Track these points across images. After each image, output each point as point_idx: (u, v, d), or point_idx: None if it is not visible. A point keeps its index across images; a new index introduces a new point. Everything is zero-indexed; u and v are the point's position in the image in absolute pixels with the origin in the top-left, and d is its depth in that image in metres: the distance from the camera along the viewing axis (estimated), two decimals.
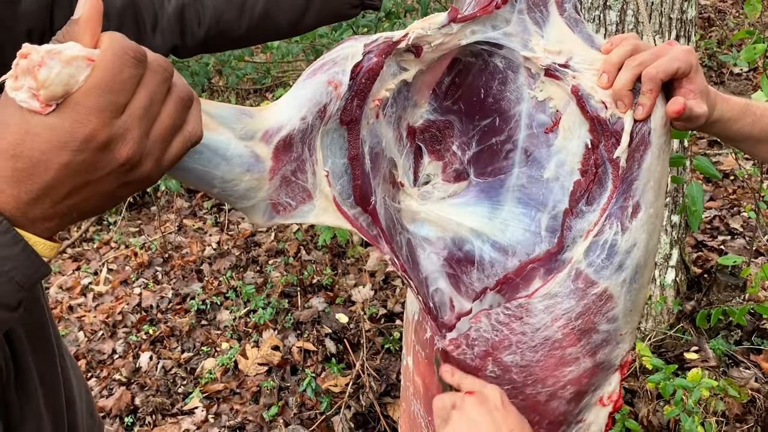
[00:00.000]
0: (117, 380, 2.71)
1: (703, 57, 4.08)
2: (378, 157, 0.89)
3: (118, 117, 0.46)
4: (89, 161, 0.46)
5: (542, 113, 0.89)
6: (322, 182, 0.77)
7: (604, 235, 0.82)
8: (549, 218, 0.89)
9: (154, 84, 0.48)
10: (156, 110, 0.48)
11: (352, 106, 0.79)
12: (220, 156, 0.65)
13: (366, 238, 0.82)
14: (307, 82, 0.76)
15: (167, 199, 3.97)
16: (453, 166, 0.98)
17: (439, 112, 0.96)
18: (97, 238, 3.80)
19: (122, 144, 0.46)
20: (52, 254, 0.50)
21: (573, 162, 0.87)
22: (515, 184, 0.92)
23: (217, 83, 3.89)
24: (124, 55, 0.45)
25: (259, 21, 0.91)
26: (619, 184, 0.82)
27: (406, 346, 1.02)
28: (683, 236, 2.36)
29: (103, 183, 0.48)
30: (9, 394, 0.72)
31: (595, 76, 0.82)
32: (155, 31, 0.88)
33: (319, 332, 2.70)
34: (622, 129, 0.80)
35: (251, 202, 0.72)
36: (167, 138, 0.50)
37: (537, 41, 0.85)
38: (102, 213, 0.52)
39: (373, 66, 0.78)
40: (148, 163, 0.49)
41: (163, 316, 3.05)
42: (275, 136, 0.71)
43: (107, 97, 0.45)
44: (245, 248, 3.40)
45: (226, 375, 2.62)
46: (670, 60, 0.77)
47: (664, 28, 1.87)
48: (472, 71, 0.92)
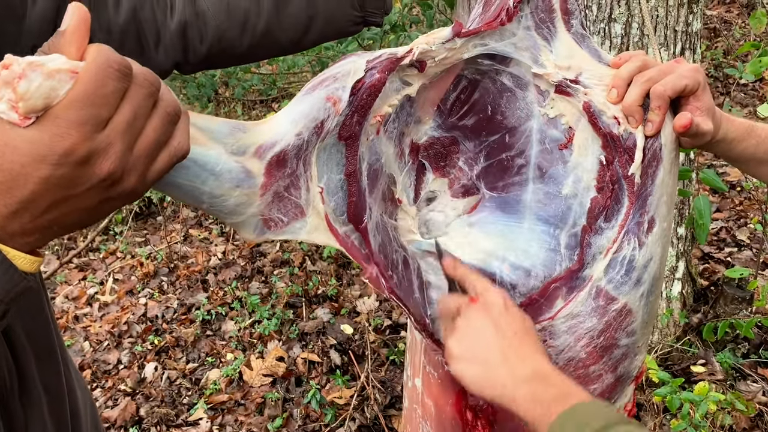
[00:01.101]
0: (122, 391, 2.71)
1: (709, 68, 4.07)
2: (376, 174, 0.88)
3: (100, 131, 0.45)
4: (69, 176, 0.45)
5: (554, 129, 0.89)
6: (316, 199, 0.76)
7: (623, 251, 0.82)
8: (568, 236, 0.89)
9: (140, 98, 0.47)
10: (140, 125, 0.47)
11: (352, 122, 0.78)
12: (208, 171, 0.63)
13: (354, 257, 0.80)
14: (305, 97, 0.75)
15: (173, 209, 3.98)
16: (460, 181, 0.97)
17: (443, 129, 0.95)
18: (104, 248, 3.81)
19: (104, 159, 0.45)
20: (33, 268, 0.49)
21: (589, 178, 0.87)
22: (533, 200, 0.92)
23: (224, 94, 3.91)
24: (109, 68, 0.44)
25: (261, 39, 0.91)
26: (635, 200, 0.82)
27: (413, 367, 1.00)
28: (689, 248, 2.35)
29: (84, 198, 0.47)
30: (12, 402, 0.72)
31: (605, 92, 0.83)
32: (158, 48, 0.88)
33: (324, 343, 2.70)
34: (635, 145, 0.81)
35: (241, 217, 0.70)
36: (152, 153, 0.49)
37: (547, 56, 0.86)
38: (86, 227, 0.51)
39: (375, 82, 0.78)
40: (132, 178, 0.48)
41: (168, 326, 3.05)
42: (268, 152, 0.69)
43: (89, 111, 0.44)
44: (250, 258, 3.40)
45: (230, 386, 2.61)
46: (678, 77, 0.78)
47: (669, 41, 1.87)
48: (479, 88, 0.92)
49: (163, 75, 0.92)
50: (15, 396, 0.72)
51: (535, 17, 0.84)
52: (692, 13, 1.88)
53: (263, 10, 0.89)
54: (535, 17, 0.84)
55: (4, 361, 0.70)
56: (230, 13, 0.88)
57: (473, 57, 0.89)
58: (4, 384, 0.70)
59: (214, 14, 0.88)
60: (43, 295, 0.80)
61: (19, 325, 0.73)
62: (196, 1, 0.88)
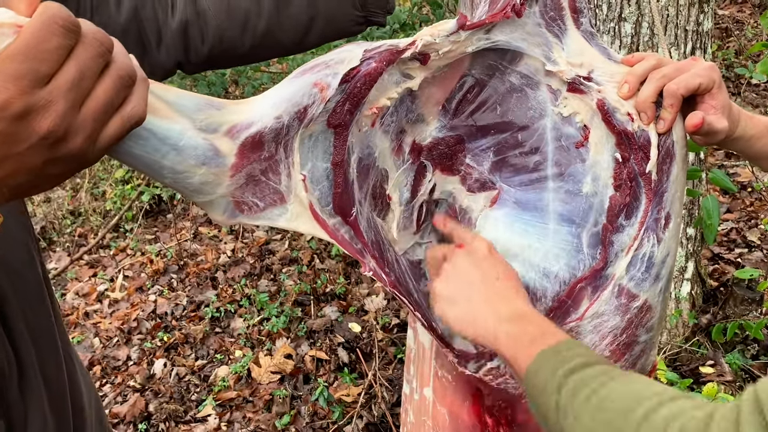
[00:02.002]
0: (131, 387, 2.73)
1: (720, 68, 4.05)
2: (367, 169, 0.86)
3: (40, 87, 0.43)
4: (7, 131, 0.43)
5: (569, 125, 0.89)
6: (298, 186, 0.74)
7: (643, 248, 0.83)
8: (589, 234, 0.89)
9: (87, 57, 0.45)
10: (88, 85, 0.46)
11: (343, 109, 0.76)
12: (169, 145, 0.61)
13: (347, 251, 0.79)
14: (292, 81, 0.72)
15: (183, 206, 4.00)
16: (472, 176, 0.97)
17: (448, 128, 0.94)
18: (114, 245, 3.84)
19: (43, 116, 0.44)
20: None
21: (606, 176, 0.87)
22: (555, 198, 0.92)
23: (233, 93, 3.92)
24: (53, 23, 0.43)
25: (262, 39, 0.91)
26: (652, 197, 0.83)
27: (420, 378, 0.98)
28: (699, 249, 2.34)
29: (27, 156, 0.45)
30: (11, 394, 0.72)
31: (617, 88, 0.83)
32: (160, 47, 0.88)
33: (332, 341, 2.71)
34: (649, 142, 0.81)
35: (208, 197, 0.68)
36: (101, 116, 0.47)
37: (559, 53, 0.85)
38: (41, 191, 0.50)
39: (371, 71, 0.75)
40: (77, 139, 0.47)
41: (177, 323, 3.07)
42: (243, 132, 0.67)
43: (27, 65, 0.42)
44: (259, 256, 3.42)
45: (239, 383, 2.63)
46: (692, 76, 0.78)
47: (679, 40, 1.87)
48: (486, 88, 0.91)
49: (166, 74, 0.92)
50: (14, 385, 0.72)
51: (545, 16, 0.84)
52: (703, 12, 1.87)
53: (264, 11, 0.89)
54: (545, 16, 0.84)
55: (2, 350, 0.71)
56: (231, 13, 0.88)
57: (481, 57, 0.88)
58: (2, 373, 0.71)
59: (215, 14, 0.88)
60: (44, 287, 0.80)
61: (19, 315, 0.74)
62: (197, 1, 0.88)
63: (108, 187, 4.23)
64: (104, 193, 4.25)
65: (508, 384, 0.85)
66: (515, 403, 0.87)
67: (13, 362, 0.72)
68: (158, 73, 0.90)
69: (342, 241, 0.78)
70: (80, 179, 4.30)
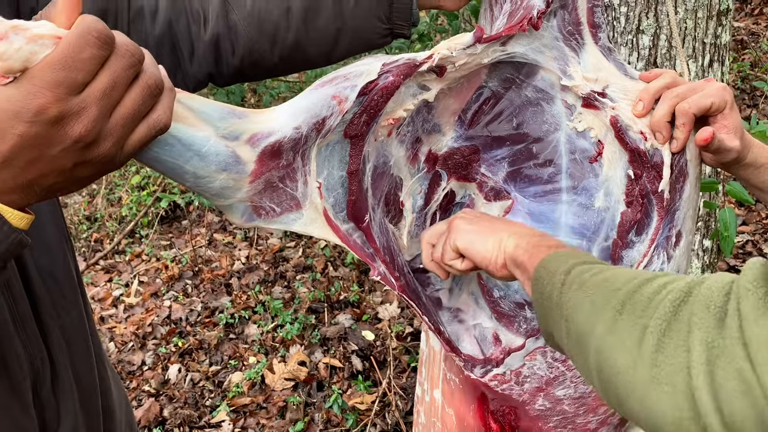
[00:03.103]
0: (146, 391, 2.75)
1: (736, 80, 4.04)
2: (381, 176, 0.88)
3: (75, 95, 0.46)
4: (42, 134, 0.46)
5: (583, 139, 0.90)
6: (314, 193, 0.76)
7: (652, 265, 0.83)
8: (600, 249, 0.90)
9: (119, 67, 0.48)
10: (119, 94, 0.49)
11: (360, 121, 0.78)
12: (193, 151, 0.64)
13: (358, 255, 0.81)
14: (312, 92, 0.75)
15: (198, 213, 4.03)
16: (488, 184, 0.98)
17: (464, 139, 0.96)
18: (129, 250, 3.87)
19: (76, 121, 0.47)
20: (22, 224, 0.51)
21: (618, 192, 0.88)
22: (568, 211, 0.93)
23: (249, 101, 3.96)
24: (89, 35, 0.46)
25: (290, 51, 0.93)
26: (664, 215, 0.83)
27: (431, 380, 1.00)
28: (715, 261, 2.33)
29: (59, 159, 0.48)
30: (45, 394, 0.74)
31: (631, 106, 0.83)
32: (192, 60, 0.91)
33: (346, 349, 2.72)
34: (662, 161, 0.82)
35: (227, 201, 0.71)
36: (129, 123, 0.50)
37: (575, 68, 0.86)
38: (69, 192, 0.54)
39: (389, 85, 0.77)
40: (107, 144, 0.50)
41: (192, 328, 3.09)
42: (263, 141, 0.70)
43: (63, 73, 0.45)
44: (273, 263, 3.43)
45: (253, 389, 2.64)
46: (704, 96, 0.79)
47: (697, 53, 1.87)
48: (502, 100, 0.92)
49: (198, 85, 0.94)
50: (47, 386, 0.75)
51: (563, 30, 0.85)
52: (721, 25, 1.88)
53: (292, 24, 0.90)
54: (563, 30, 0.85)
55: (37, 350, 0.73)
56: (260, 27, 0.90)
57: (498, 70, 0.89)
58: (37, 373, 0.73)
59: (245, 27, 0.90)
60: (78, 290, 0.83)
61: (54, 317, 0.76)
62: (228, 15, 0.90)
63: (124, 193, 4.27)
64: (120, 199, 4.29)
65: (512, 390, 0.86)
66: (519, 409, 0.88)
67: (47, 363, 0.75)
68: (190, 84, 0.92)
69: (354, 246, 0.80)
70: (96, 185, 4.35)
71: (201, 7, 0.90)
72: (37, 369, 0.73)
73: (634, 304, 0.54)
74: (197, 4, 0.90)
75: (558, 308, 0.63)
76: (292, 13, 0.90)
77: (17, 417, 0.70)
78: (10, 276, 0.69)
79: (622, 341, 0.53)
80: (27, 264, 0.72)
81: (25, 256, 0.72)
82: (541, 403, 0.84)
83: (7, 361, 0.68)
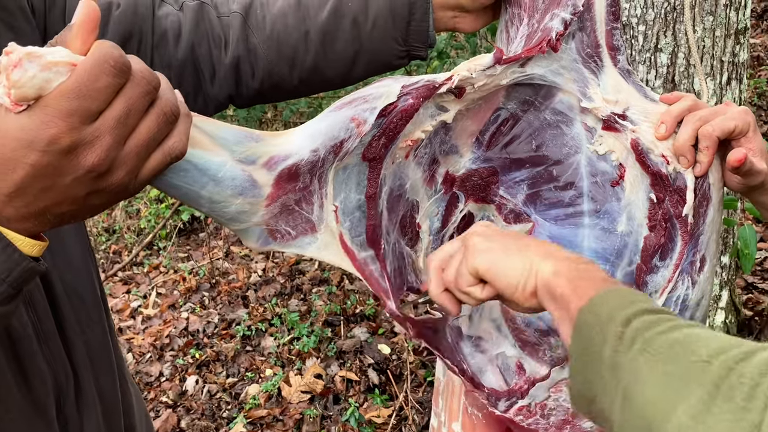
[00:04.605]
0: (164, 402, 2.77)
1: (752, 96, 4.03)
2: (398, 199, 0.86)
3: (89, 123, 0.45)
4: (55, 164, 0.45)
5: (604, 162, 0.89)
6: (329, 216, 0.75)
7: (677, 291, 0.82)
8: (623, 273, 0.89)
9: (135, 95, 0.47)
10: (133, 122, 0.48)
11: (379, 143, 0.76)
12: (209, 177, 0.62)
13: (372, 288, 0.77)
14: (330, 114, 0.73)
15: (215, 226, 4.07)
16: (507, 206, 0.97)
17: (482, 160, 0.94)
18: (147, 262, 3.91)
19: (89, 151, 0.46)
20: (35, 251, 0.50)
21: (641, 216, 0.87)
22: (590, 235, 0.92)
23: (266, 116, 4.00)
24: (105, 63, 0.45)
25: (309, 74, 0.94)
26: (689, 239, 0.82)
27: (449, 412, 0.97)
28: (733, 277, 2.33)
29: (72, 188, 0.47)
30: (69, 408, 0.75)
31: (652, 128, 0.82)
32: (213, 82, 0.92)
33: (362, 362, 2.73)
34: (684, 185, 0.81)
35: (243, 225, 0.69)
36: (144, 151, 0.49)
37: (595, 90, 0.85)
38: (82, 219, 0.53)
39: (408, 107, 0.76)
40: (120, 173, 0.49)
41: (209, 340, 3.12)
42: (280, 164, 0.68)
43: (77, 102, 0.44)
44: (290, 276, 3.46)
45: (269, 401, 2.66)
46: (727, 119, 0.78)
47: (715, 71, 1.88)
48: (520, 122, 0.92)
49: (218, 107, 0.96)
50: (71, 400, 0.75)
51: (582, 52, 0.84)
52: (739, 43, 1.89)
53: (311, 47, 0.91)
54: (582, 52, 0.84)
55: (61, 366, 0.74)
56: (280, 50, 0.91)
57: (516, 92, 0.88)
58: (61, 388, 0.74)
59: (265, 50, 0.91)
60: (101, 305, 0.84)
61: (78, 332, 0.77)
62: (249, 38, 0.91)
63: (142, 206, 4.33)
64: (139, 212, 4.34)
65: (539, 424, 0.84)
66: None
67: (71, 379, 0.76)
68: (211, 106, 0.94)
69: (369, 277, 0.78)
70: None
71: (222, 31, 0.91)
72: (61, 385, 0.74)
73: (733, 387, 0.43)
74: (218, 28, 0.91)
75: (612, 371, 0.52)
76: (310, 37, 0.91)
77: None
78: (35, 294, 0.70)
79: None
80: (52, 281, 0.73)
81: (51, 273, 0.73)
82: None
83: (29, 376, 0.69)
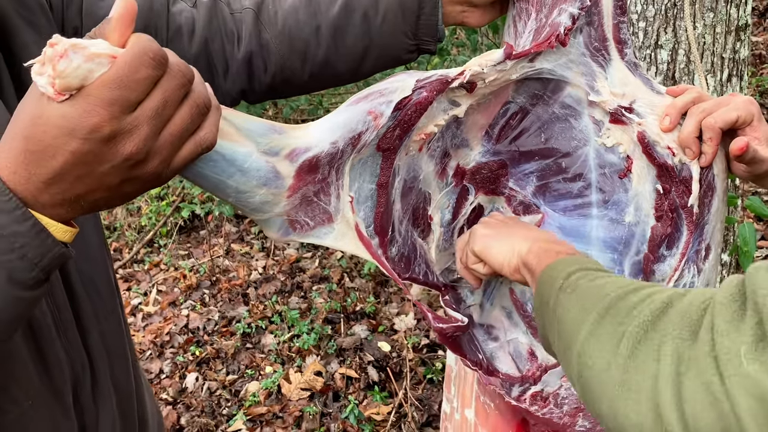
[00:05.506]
0: (164, 399, 2.78)
1: (754, 94, 4.03)
2: (410, 190, 0.89)
3: (128, 113, 0.47)
4: (94, 151, 0.47)
5: (611, 154, 0.90)
6: (346, 207, 0.78)
7: (683, 279, 0.84)
8: (631, 263, 0.90)
9: (171, 87, 0.49)
10: (169, 112, 0.50)
11: (393, 134, 0.79)
12: (236, 167, 0.65)
13: (389, 274, 0.82)
14: (348, 108, 0.76)
15: (216, 223, 4.08)
16: (517, 198, 0.99)
17: (491, 153, 0.97)
18: (148, 259, 3.92)
19: (128, 140, 0.48)
20: (67, 237, 0.52)
21: (648, 207, 0.89)
22: (599, 225, 0.93)
23: (267, 113, 4.00)
24: (144, 55, 0.47)
25: (320, 68, 0.94)
26: (694, 229, 0.84)
27: (462, 398, 0.99)
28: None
29: (108, 175, 0.49)
30: (84, 398, 0.76)
31: (657, 121, 0.84)
32: (226, 77, 0.93)
33: (362, 359, 2.73)
34: (690, 176, 0.82)
35: (266, 215, 0.72)
36: (177, 141, 0.51)
37: (602, 83, 0.87)
38: (113, 207, 0.54)
39: (422, 100, 0.79)
40: (155, 161, 0.51)
41: (209, 338, 3.12)
42: (301, 156, 0.71)
43: (118, 92, 0.46)
44: (290, 274, 3.46)
45: (269, 398, 2.66)
46: (729, 110, 0.79)
47: (716, 68, 1.88)
48: (529, 116, 0.93)
49: (231, 102, 0.96)
50: (87, 390, 0.76)
51: (589, 46, 0.86)
52: (740, 40, 1.88)
53: (322, 41, 0.92)
54: (589, 46, 0.86)
55: (77, 355, 0.75)
56: (291, 44, 0.92)
57: (525, 86, 0.90)
58: (77, 377, 0.75)
59: (277, 45, 0.92)
60: (116, 296, 0.85)
61: (93, 323, 0.78)
62: (261, 33, 0.92)
63: (143, 203, 4.33)
64: (139, 209, 4.34)
65: (553, 413, 0.85)
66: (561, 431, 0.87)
67: (87, 368, 0.77)
68: (223, 100, 0.94)
69: (384, 264, 0.81)
70: None
71: (235, 27, 0.92)
72: (78, 373, 0.75)
73: (618, 310, 0.55)
74: (231, 24, 0.92)
75: (553, 312, 0.64)
76: (321, 31, 0.92)
77: (58, 419, 0.72)
78: (54, 284, 0.71)
79: (601, 344, 0.54)
80: (70, 270, 0.75)
81: (69, 263, 0.74)
82: (581, 423, 0.84)
83: (48, 365, 0.70)
